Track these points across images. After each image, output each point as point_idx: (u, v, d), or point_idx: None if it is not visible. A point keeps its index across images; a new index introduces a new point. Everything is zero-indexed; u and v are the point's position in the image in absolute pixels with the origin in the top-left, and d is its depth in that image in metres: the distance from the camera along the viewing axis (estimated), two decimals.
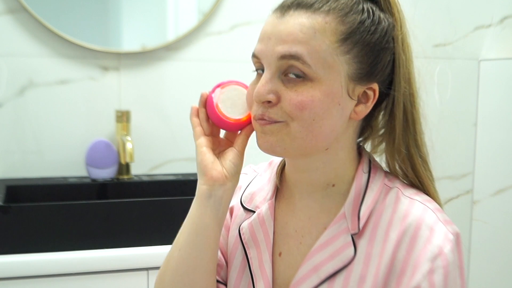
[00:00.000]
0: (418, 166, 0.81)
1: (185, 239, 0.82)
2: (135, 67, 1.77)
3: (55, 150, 1.72)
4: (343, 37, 0.75)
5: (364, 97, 0.79)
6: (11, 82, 1.68)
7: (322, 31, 0.74)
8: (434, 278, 0.72)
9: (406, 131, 0.80)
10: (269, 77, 0.76)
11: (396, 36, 0.79)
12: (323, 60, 0.74)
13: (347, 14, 0.75)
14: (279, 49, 0.75)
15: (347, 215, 0.79)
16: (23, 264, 1.33)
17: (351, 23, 0.75)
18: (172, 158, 1.82)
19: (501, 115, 2.01)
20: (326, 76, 0.74)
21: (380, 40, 0.77)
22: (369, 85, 0.78)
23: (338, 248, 0.78)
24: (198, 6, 1.82)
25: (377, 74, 0.78)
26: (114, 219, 1.44)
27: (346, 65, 0.75)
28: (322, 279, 0.78)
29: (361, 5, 0.77)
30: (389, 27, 0.78)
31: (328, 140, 0.78)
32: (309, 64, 0.73)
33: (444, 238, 0.74)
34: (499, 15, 2.06)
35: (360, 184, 0.81)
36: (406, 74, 0.79)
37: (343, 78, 0.75)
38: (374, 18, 0.77)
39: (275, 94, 0.76)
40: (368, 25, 0.76)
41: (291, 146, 0.77)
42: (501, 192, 2.00)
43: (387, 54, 0.78)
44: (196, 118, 0.84)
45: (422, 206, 0.77)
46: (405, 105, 0.80)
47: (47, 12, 1.68)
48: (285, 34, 0.75)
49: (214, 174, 0.80)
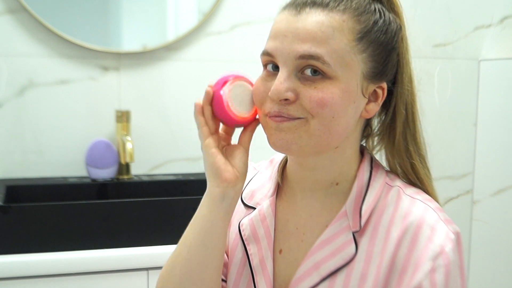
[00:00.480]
0: (417, 164, 0.82)
1: (195, 240, 0.81)
2: (135, 67, 1.77)
3: (55, 150, 1.72)
4: (360, 35, 0.76)
5: (374, 95, 0.80)
6: (11, 82, 1.68)
7: (340, 29, 0.74)
8: (435, 277, 0.72)
9: (406, 129, 0.82)
10: (287, 75, 0.75)
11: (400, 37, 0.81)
12: (341, 58, 0.74)
13: (362, 14, 0.76)
14: (297, 48, 0.74)
15: (349, 213, 0.80)
16: (23, 264, 1.33)
17: (367, 22, 0.76)
18: (172, 158, 1.82)
19: (501, 115, 2.01)
20: (344, 74, 0.75)
21: (390, 40, 0.79)
22: (379, 84, 0.79)
23: (339, 245, 0.78)
24: (198, 6, 1.82)
25: (387, 73, 0.80)
26: (114, 219, 1.44)
27: (362, 64, 0.76)
28: (323, 276, 0.78)
29: (372, 6, 0.78)
30: (397, 27, 0.80)
31: (341, 138, 0.78)
32: (329, 63, 0.74)
33: (446, 237, 0.74)
34: (499, 15, 2.06)
35: (362, 182, 0.81)
36: (409, 73, 0.81)
37: (359, 76, 0.76)
38: (386, 18, 0.79)
39: (293, 92, 0.75)
40: (381, 25, 0.78)
41: (307, 144, 0.76)
42: (501, 192, 2.00)
43: (395, 54, 0.80)
44: (201, 117, 0.80)
45: (423, 205, 0.78)
46: (407, 103, 0.81)
47: (47, 12, 1.68)
48: (304, 33, 0.74)
49: (227, 176, 0.79)
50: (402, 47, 0.81)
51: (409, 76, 0.81)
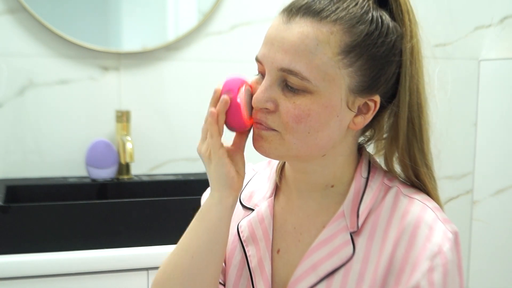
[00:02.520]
0: (423, 175, 0.80)
1: (199, 248, 0.80)
2: (135, 67, 1.77)
3: (55, 150, 1.72)
4: (348, 49, 0.73)
5: (365, 107, 0.78)
6: (11, 82, 1.68)
7: (325, 42, 0.72)
8: (433, 276, 0.72)
9: (412, 141, 0.79)
10: (269, 84, 0.75)
11: (404, 48, 0.76)
12: (324, 73, 0.73)
13: (354, 25, 0.73)
14: (279, 60, 0.73)
15: (346, 214, 0.79)
16: (23, 264, 1.33)
17: (358, 35, 0.73)
18: (172, 158, 1.82)
19: (501, 115, 2.01)
20: (326, 89, 0.73)
21: (386, 53, 0.75)
22: (370, 97, 0.77)
23: (336, 246, 0.78)
24: (198, 6, 1.82)
25: (379, 87, 0.76)
26: (114, 219, 1.44)
27: (348, 78, 0.74)
28: (320, 277, 0.78)
29: (370, 14, 0.74)
30: (397, 38, 0.76)
31: (324, 149, 0.78)
32: (308, 79, 0.72)
33: (443, 237, 0.74)
34: (499, 15, 2.06)
35: (359, 184, 0.81)
36: (414, 85, 0.77)
37: (344, 91, 0.74)
38: (383, 29, 0.74)
39: (274, 102, 0.75)
40: (375, 37, 0.74)
41: (286, 154, 0.77)
42: (501, 192, 2.00)
43: (392, 67, 0.76)
44: (216, 126, 0.78)
45: (421, 204, 0.77)
46: (411, 115, 0.77)
47: (47, 12, 1.68)
48: (288, 44, 0.73)
49: (239, 185, 0.80)
50: (405, 59, 0.76)
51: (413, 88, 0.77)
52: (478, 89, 2.07)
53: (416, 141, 0.79)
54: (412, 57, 0.77)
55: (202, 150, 0.80)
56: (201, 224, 0.81)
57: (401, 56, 0.77)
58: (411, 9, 0.78)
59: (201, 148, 0.81)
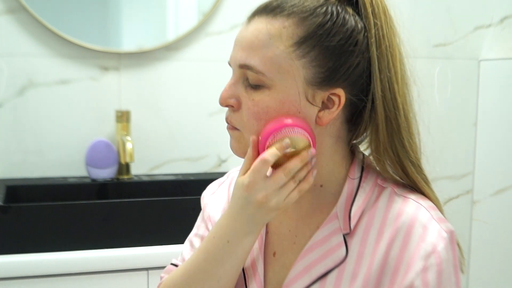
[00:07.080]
0: (409, 170, 0.78)
1: (226, 273, 0.79)
2: (135, 67, 1.77)
3: (55, 150, 1.72)
4: (300, 41, 0.74)
5: (330, 102, 0.77)
6: (11, 82, 1.68)
7: (277, 36, 0.74)
8: (427, 276, 0.72)
9: (392, 136, 0.77)
10: (233, 82, 0.79)
11: (370, 42, 0.75)
12: (278, 65, 0.74)
13: (307, 18, 0.75)
14: (238, 57, 0.77)
15: (339, 215, 0.79)
16: (23, 264, 1.33)
17: (308, 26, 0.74)
18: (172, 158, 1.82)
19: (501, 115, 2.01)
20: (281, 82, 0.75)
21: (341, 44, 0.74)
22: (331, 90, 0.76)
23: (330, 248, 0.78)
24: (198, 6, 1.82)
25: (339, 78, 0.75)
26: (114, 219, 1.44)
27: (303, 69, 0.74)
28: (313, 279, 0.78)
29: (325, 8, 0.75)
30: (357, 30, 0.75)
31: None
32: (263, 72, 0.74)
33: (438, 236, 0.73)
34: (499, 15, 2.06)
35: (352, 184, 0.80)
36: (385, 80, 0.76)
37: (300, 83, 0.75)
38: (337, 20, 0.75)
39: (237, 99, 0.78)
40: (328, 28, 0.74)
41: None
42: (501, 192, 2.00)
43: (352, 58, 0.75)
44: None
45: (415, 204, 0.77)
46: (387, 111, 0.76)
47: (47, 12, 1.68)
48: (244, 42, 0.77)
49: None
50: (372, 53, 0.75)
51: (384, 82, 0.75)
52: (478, 89, 2.07)
53: (396, 137, 0.77)
54: (380, 52, 0.76)
55: (276, 201, 0.75)
56: (230, 250, 0.78)
57: (369, 48, 0.76)
58: (378, 3, 0.77)
59: (273, 198, 0.75)
